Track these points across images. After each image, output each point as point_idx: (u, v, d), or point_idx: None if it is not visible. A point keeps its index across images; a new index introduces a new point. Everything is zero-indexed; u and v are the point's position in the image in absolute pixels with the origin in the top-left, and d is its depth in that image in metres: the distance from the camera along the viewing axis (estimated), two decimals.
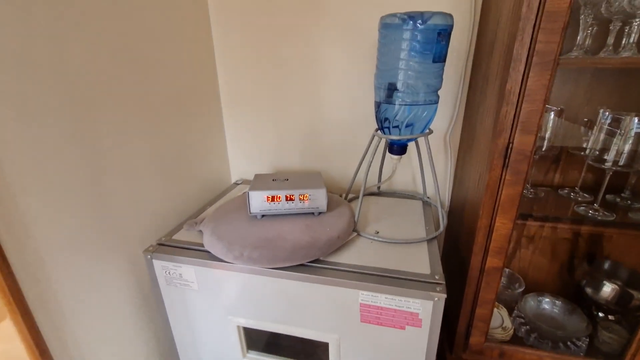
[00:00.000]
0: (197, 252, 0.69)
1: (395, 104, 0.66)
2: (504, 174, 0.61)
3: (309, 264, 0.64)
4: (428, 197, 0.90)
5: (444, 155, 0.92)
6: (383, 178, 0.95)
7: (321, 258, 0.66)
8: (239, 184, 1.06)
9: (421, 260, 0.64)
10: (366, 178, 0.74)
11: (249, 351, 0.77)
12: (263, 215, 0.76)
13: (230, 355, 0.77)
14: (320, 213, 0.76)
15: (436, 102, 0.68)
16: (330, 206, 0.79)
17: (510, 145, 0.59)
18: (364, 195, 0.94)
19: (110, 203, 0.68)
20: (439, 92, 0.68)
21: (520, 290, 0.90)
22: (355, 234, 0.74)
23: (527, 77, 0.54)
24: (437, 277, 0.59)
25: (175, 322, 0.77)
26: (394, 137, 0.70)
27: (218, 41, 0.95)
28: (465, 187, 0.81)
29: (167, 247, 0.72)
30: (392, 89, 0.66)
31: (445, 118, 0.89)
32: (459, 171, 0.90)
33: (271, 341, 0.84)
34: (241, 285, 0.67)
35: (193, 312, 0.74)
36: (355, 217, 0.75)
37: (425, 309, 0.57)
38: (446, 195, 0.94)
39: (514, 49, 0.53)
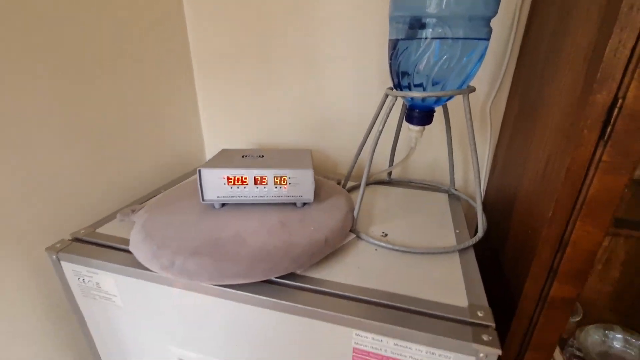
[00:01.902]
0: (121, 253, 0.48)
1: (421, 39, 0.43)
2: (599, 152, 0.37)
3: (278, 280, 0.42)
4: (456, 189, 0.66)
5: (482, 133, 0.68)
6: (396, 160, 0.71)
7: (298, 272, 0.43)
8: None
9: (453, 283, 0.41)
10: (372, 158, 0.50)
11: None
12: (223, 205, 0.54)
13: None
14: (304, 204, 0.53)
15: (487, 39, 0.44)
16: (321, 196, 0.56)
17: (620, 102, 0.35)
18: (370, 183, 0.71)
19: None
20: (492, 24, 0.44)
21: (576, 319, 0.67)
22: (353, 236, 0.51)
23: None
24: (480, 315, 0.36)
25: (104, 348, 0.57)
26: (417, 95, 0.46)
27: None
28: (513, 176, 0.57)
29: (84, 243, 0.50)
30: (417, 16, 0.42)
31: (485, 79, 0.64)
32: (500, 155, 0.66)
33: None
34: (181, 307, 0.45)
35: (123, 336, 0.53)
36: (355, 212, 0.53)
37: None
38: (482, 193, 0.70)
39: None
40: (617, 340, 0.62)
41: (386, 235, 0.52)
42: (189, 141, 0.83)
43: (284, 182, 0.51)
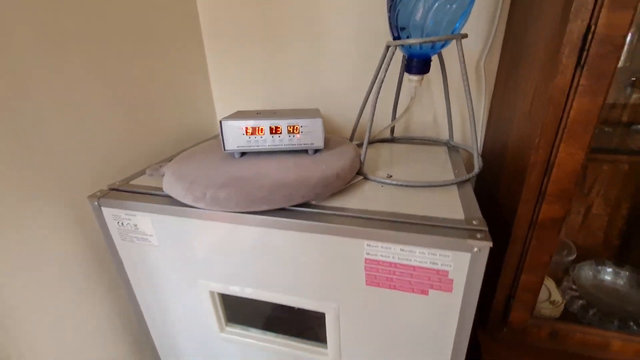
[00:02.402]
0: (155, 197, 0.54)
1: None
2: (577, 77, 0.42)
3: (295, 208, 0.48)
4: (454, 142, 0.71)
5: (477, 88, 0.73)
6: (399, 115, 0.76)
7: (313, 202, 0.49)
8: None
9: (452, 206, 0.47)
10: (375, 104, 0.55)
11: (229, 324, 0.63)
12: (243, 154, 0.59)
13: (205, 328, 0.62)
14: (316, 151, 0.59)
15: None
16: (330, 145, 0.62)
17: (592, 29, 0.40)
18: (373, 142, 0.76)
19: (47, 140, 0.52)
20: None
21: (571, 258, 0.72)
22: (360, 177, 0.56)
23: None
24: (475, 223, 0.42)
25: (140, 289, 0.63)
26: (414, 42, 0.51)
27: None
28: (506, 124, 0.62)
29: (121, 192, 0.56)
30: None
31: (478, 39, 0.69)
32: (495, 108, 0.71)
33: (257, 312, 0.69)
34: (209, 238, 0.51)
35: (157, 275, 0.59)
36: (362, 156, 0.58)
37: (459, 265, 0.40)
38: (478, 139, 0.75)
39: None
40: (608, 273, 0.67)
41: (391, 176, 0.57)
42: (203, 112, 0.89)
43: (296, 130, 0.56)
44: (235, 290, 0.55)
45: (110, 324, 0.67)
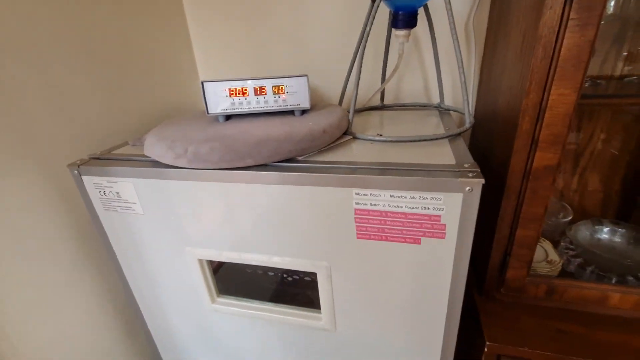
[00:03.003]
0: (137, 162, 0.52)
1: None
2: (566, 11, 0.40)
3: (281, 164, 0.46)
4: (445, 105, 0.70)
5: (467, 49, 0.71)
6: (388, 76, 0.75)
7: (300, 158, 0.47)
8: None
9: (443, 155, 0.45)
10: (362, 57, 0.54)
11: (221, 295, 0.61)
12: (228, 118, 0.57)
13: (196, 300, 0.60)
14: (303, 113, 0.57)
15: None
16: (317, 108, 0.60)
17: None
18: (363, 110, 0.74)
19: (24, 109, 0.50)
20: None
21: (567, 219, 0.71)
22: (349, 137, 0.55)
23: None
24: (466, 166, 0.40)
25: (126, 263, 0.61)
26: None
27: None
28: (497, 81, 0.60)
29: (102, 160, 0.54)
30: None
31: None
32: (485, 70, 0.69)
33: (249, 285, 0.68)
34: (194, 201, 0.49)
35: (143, 246, 0.57)
36: (350, 116, 0.56)
37: (451, 208, 0.38)
38: (469, 97, 0.74)
39: None
40: (605, 232, 0.66)
41: (381, 135, 0.55)
42: (187, 83, 0.86)
43: (281, 91, 0.54)
44: (223, 256, 0.53)
45: (99, 304, 0.65)
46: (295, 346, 0.60)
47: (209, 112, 0.55)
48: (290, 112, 0.57)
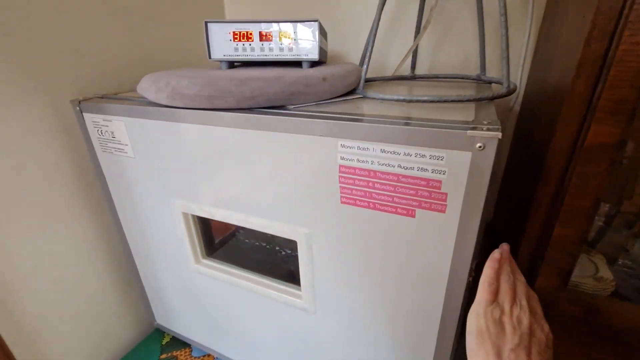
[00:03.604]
0: (131, 101, 0.50)
1: None
2: None
3: (268, 109, 0.40)
4: (486, 76, 0.59)
5: (521, 19, 0.59)
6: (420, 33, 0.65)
7: (292, 107, 0.41)
8: None
9: (463, 116, 0.36)
10: (383, 3, 0.46)
11: (207, 258, 0.58)
12: (234, 66, 0.53)
13: (181, 257, 0.58)
14: (313, 65, 0.51)
15: None
16: (330, 63, 0.54)
17: None
18: (390, 79, 0.66)
19: (35, 40, 0.51)
20: None
21: (631, 231, 0.56)
22: (358, 95, 0.48)
23: None
24: (485, 122, 0.31)
25: (121, 208, 0.61)
26: None
27: None
28: (552, 48, 0.48)
29: (104, 99, 0.53)
30: None
31: None
32: (541, 44, 0.57)
33: (240, 253, 0.64)
34: (175, 145, 0.46)
35: (135, 193, 0.56)
36: (363, 72, 0.49)
37: (456, 172, 0.30)
38: (519, 76, 0.61)
39: None
40: None
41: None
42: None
43: (288, 36, 0.49)
44: (202, 209, 0.49)
45: (94, 248, 0.65)
46: (277, 325, 0.55)
47: (211, 56, 0.51)
48: (299, 65, 0.52)
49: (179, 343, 0.75)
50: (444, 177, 0.31)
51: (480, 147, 0.28)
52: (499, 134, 0.27)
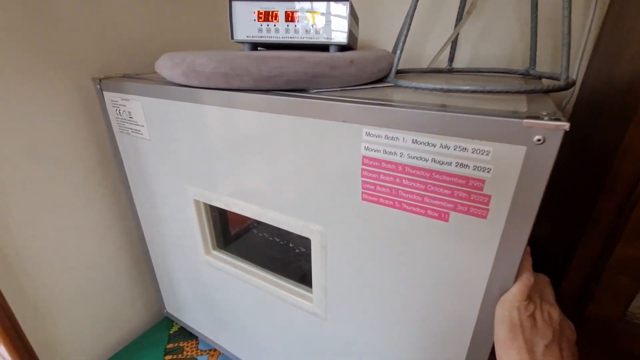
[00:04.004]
0: (149, 81, 0.48)
1: None
2: None
3: (286, 92, 0.37)
4: (536, 71, 0.52)
5: (581, 7, 0.52)
6: (463, 50, 0.59)
7: (313, 91, 0.37)
8: None
9: (512, 105, 0.31)
10: None
11: (217, 249, 0.55)
12: (256, 48, 0.50)
13: (192, 247, 0.55)
14: (342, 49, 0.46)
15: None
16: (361, 49, 0.49)
17: None
18: (425, 71, 0.60)
19: (62, 15, 0.50)
20: None
21: None
22: (389, 84, 0.43)
23: None
24: (545, 113, 0.26)
25: (135, 190, 0.59)
26: None
27: None
28: (625, 50, 0.41)
29: (124, 78, 0.52)
30: None
31: None
32: (606, 35, 0.50)
33: (252, 248, 0.61)
34: (189, 128, 0.43)
35: (149, 176, 0.54)
36: (395, 60, 0.44)
37: (504, 170, 0.25)
38: (576, 69, 0.54)
39: None
40: None
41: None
42: None
43: (314, 18, 0.45)
44: (214, 198, 0.46)
45: (107, 227, 0.64)
46: (284, 327, 0.51)
47: (234, 37, 0.48)
48: (326, 50, 0.47)
49: (187, 334, 0.73)
50: (488, 176, 0.25)
51: (539, 140, 0.23)
52: (566, 124, 0.22)
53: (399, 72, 0.56)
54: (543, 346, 0.27)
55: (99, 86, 0.52)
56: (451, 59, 0.60)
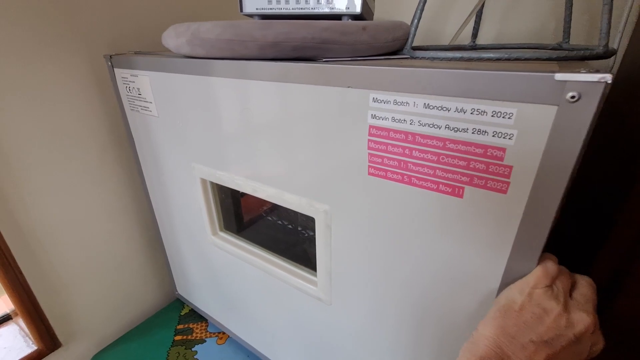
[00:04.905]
0: (157, 55, 0.47)
1: None
2: None
3: (297, 61, 0.35)
4: (569, 44, 0.47)
5: None
6: (487, 26, 0.55)
7: (322, 59, 0.35)
8: None
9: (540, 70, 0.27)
10: None
11: (224, 231, 0.54)
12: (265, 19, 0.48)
13: (199, 228, 0.55)
14: (355, 19, 0.44)
15: None
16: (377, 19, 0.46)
17: None
18: (445, 48, 0.57)
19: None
20: None
21: None
22: (405, 56, 0.40)
23: None
24: (582, 70, 0.22)
25: (146, 168, 0.59)
26: None
27: None
28: None
29: (135, 54, 0.52)
30: None
31: None
32: None
33: (260, 231, 0.60)
34: (196, 100, 0.42)
35: (158, 153, 0.54)
36: (412, 31, 0.41)
37: (530, 131, 0.22)
38: (616, 44, 0.49)
39: None
40: None
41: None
42: None
43: None
44: (220, 176, 0.45)
45: (121, 206, 0.65)
46: (290, 312, 0.50)
47: (243, 10, 0.46)
48: (336, 17, 0.45)
49: (197, 316, 0.73)
50: (509, 144, 0.22)
51: (573, 97, 0.19)
52: (608, 75, 0.18)
53: (416, 48, 0.53)
54: (528, 340, 0.23)
55: (110, 63, 0.52)
56: (474, 34, 0.56)
